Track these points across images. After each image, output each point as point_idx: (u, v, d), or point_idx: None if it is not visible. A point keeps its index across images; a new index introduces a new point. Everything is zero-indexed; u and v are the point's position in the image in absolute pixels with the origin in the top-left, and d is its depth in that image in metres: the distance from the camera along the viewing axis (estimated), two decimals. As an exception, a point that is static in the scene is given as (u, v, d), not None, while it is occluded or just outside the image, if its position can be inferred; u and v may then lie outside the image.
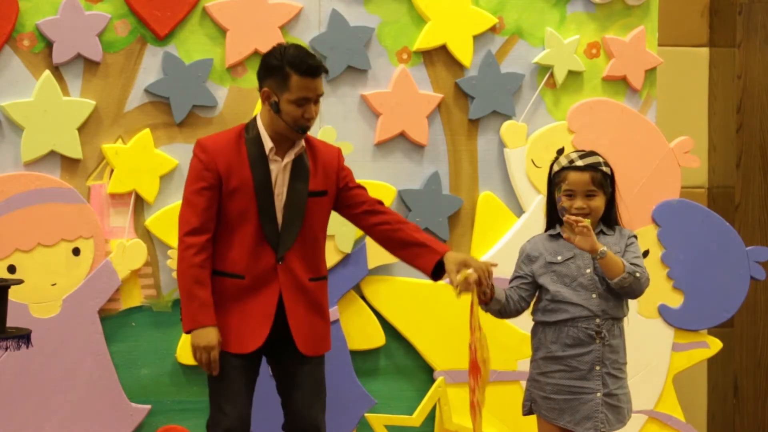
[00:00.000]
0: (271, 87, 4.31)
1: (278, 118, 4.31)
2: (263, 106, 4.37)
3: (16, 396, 4.86)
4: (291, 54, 4.30)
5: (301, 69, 4.28)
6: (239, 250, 4.33)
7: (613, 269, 4.28)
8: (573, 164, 4.39)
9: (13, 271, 4.85)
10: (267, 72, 4.33)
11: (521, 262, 4.49)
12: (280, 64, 4.29)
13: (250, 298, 4.34)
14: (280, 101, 4.30)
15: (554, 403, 4.40)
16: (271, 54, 4.35)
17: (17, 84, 4.88)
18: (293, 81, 4.28)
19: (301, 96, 4.30)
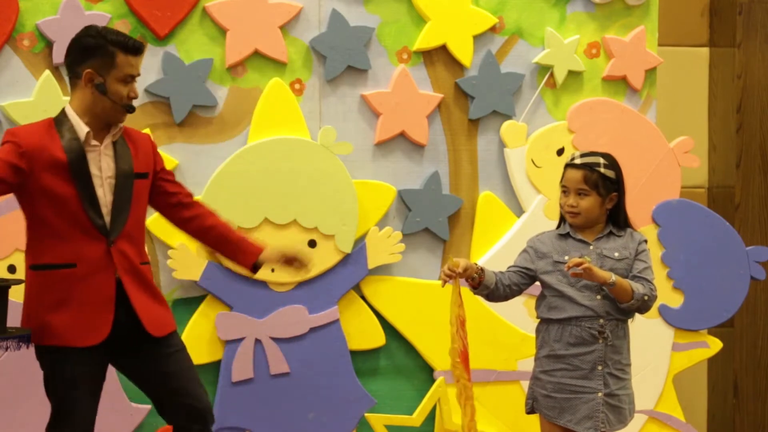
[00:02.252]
0: (95, 67, 4.16)
1: (103, 98, 4.17)
2: (80, 90, 4.18)
3: (16, 396, 4.86)
4: (113, 33, 4.20)
5: (127, 47, 4.18)
6: (65, 240, 4.14)
7: (623, 296, 4.33)
8: (572, 161, 4.42)
9: (13, 271, 4.85)
10: (87, 53, 4.17)
11: (528, 256, 4.47)
12: (103, 43, 4.17)
13: (85, 286, 4.15)
14: (106, 81, 4.16)
15: (555, 401, 4.40)
16: (86, 35, 4.20)
17: (17, 84, 4.88)
18: (120, 59, 4.17)
19: (128, 73, 4.20)
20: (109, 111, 4.20)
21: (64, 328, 4.13)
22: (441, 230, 5.33)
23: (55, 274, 4.15)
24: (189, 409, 4.26)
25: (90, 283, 4.15)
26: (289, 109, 5.14)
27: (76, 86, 4.21)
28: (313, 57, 5.20)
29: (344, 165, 5.16)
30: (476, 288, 4.41)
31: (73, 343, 4.13)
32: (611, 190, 4.41)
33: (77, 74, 4.19)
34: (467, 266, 4.34)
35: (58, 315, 4.14)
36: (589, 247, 4.41)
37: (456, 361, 4.35)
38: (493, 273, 4.43)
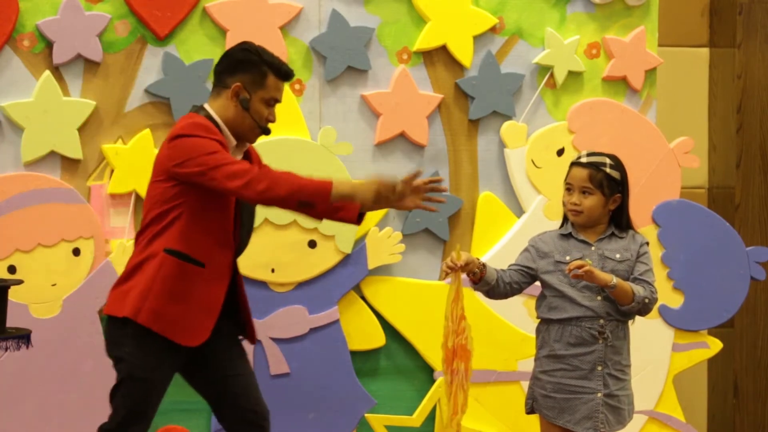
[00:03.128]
0: (245, 83, 4.27)
1: (245, 115, 4.27)
2: (224, 100, 4.27)
3: (16, 396, 4.86)
4: (268, 54, 4.30)
5: (280, 71, 4.31)
6: (207, 238, 4.21)
7: (623, 298, 4.33)
8: (578, 160, 4.42)
9: (14, 271, 4.85)
10: (240, 67, 4.28)
11: (529, 255, 4.47)
12: (258, 61, 4.27)
13: (204, 288, 4.21)
14: (251, 98, 4.27)
15: (554, 401, 4.41)
16: (244, 50, 4.31)
17: (17, 84, 4.88)
18: (270, 81, 4.28)
19: (273, 97, 4.31)
20: (246, 128, 4.29)
21: (176, 321, 4.17)
22: (441, 230, 5.33)
23: (184, 267, 4.18)
24: (249, 414, 4.34)
25: (209, 287, 4.21)
26: (289, 109, 5.14)
27: (219, 95, 4.30)
28: (313, 57, 5.20)
29: (344, 165, 5.16)
30: (477, 283, 4.41)
31: (177, 339, 4.18)
32: (615, 190, 4.41)
33: (225, 84, 4.28)
34: (469, 260, 4.34)
35: (174, 307, 4.16)
36: (591, 248, 4.41)
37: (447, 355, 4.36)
38: (494, 270, 4.43)
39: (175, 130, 4.22)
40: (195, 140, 4.15)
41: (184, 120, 4.28)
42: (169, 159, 4.19)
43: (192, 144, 4.15)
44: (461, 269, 4.33)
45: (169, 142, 4.21)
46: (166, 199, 4.20)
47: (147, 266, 4.18)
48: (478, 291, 4.47)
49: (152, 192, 4.25)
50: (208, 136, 4.17)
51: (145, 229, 4.25)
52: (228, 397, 4.34)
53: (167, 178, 4.19)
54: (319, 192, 4.10)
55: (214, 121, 4.26)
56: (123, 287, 4.22)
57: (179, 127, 4.22)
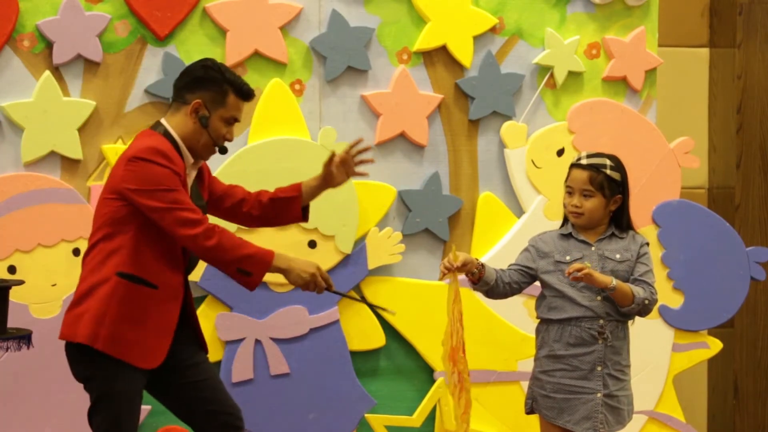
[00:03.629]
0: (205, 100, 4.22)
1: (203, 132, 4.23)
2: (182, 116, 4.22)
3: (16, 396, 4.86)
4: (230, 73, 4.26)
5: (241, 91, 4.26)
6: (159, 259, 4.17)
7: (623, 300, 4.34)
8: (578, 161, 4.42)
9: (14, 271, 4.85)
10: (201, 84, 4.23)
11: (529, 255, 4.48)
12: (220, 80, 4.23)
13: (158, 310, 4.17)
14: (211, 116, 4.22)
15: (554, 402, 4.41)
16: (206, 67, 4.27)
17: (17, 84, 4.88)
18: (230, 100, 4.24)
19: (233, 116, 4.27)
20: (202, 146, 4.25)
21: (133, 345, 4.13)
22: (441, 231, 5.33)
23: (138, 289, 4.14)
24: (222, 417, 4.30)
25: (162, 308, 4.17)
26: (290, 109, 5.15)
27: (178, 111, 4.25)
28: (313, 57, 5.20)
29: (344, 165, 5.16)
30: (476, 284, 4.42)
31: (136, 363, 4.14)
32: (616, 192, 4.40)
33: (185, 100, 4.24)
34: (467, 261, 4.35)
35: (130, 330, 4.12)
36: (591, 248, 4.42)
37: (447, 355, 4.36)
38: (493, 270, 4.43)
39: (135, 151, 4.11)
40: (154, 169, 4.08)
41: (144, 138, 4.19)
42: (123, 180, 4.10)
43: (151, 173, 4.08)
44: (458, 270, 4.33)
45: (127, 163, 4.11)
46: (117, 219, 4.14)
47: (100, 290, 4.12)
48: (477, 291, 4.47)
49: (103, 209, 4.17)
50: (168, 165, 4.10)
51: (94, 246, 4.17)
52: (200, 402, 4.29)
53: (119, 197, 4.12)
54: (259, 265, 4.13)
55: (172, 138, 4.21)
56: (76, 311, 4.15)
57: (139, 149, 4.11)
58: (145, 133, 4.25)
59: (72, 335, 4.15)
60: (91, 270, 4.16)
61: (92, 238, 4.19)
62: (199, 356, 4.35)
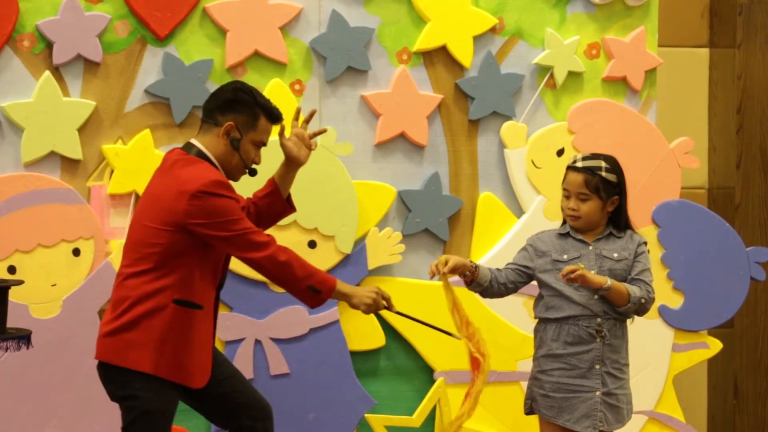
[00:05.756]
0: (238, 122, 4.28)
1: (234, 154, 4.29)
2: (214, 137, 4.28)
3: (16, 396, 4.86)
4: (262, 97, 4.34)
5: (272, 115, 4.35)
6: (205, 281, 4.25)
7: (619, 300, 4.35)
8: (574, 164, 4.42)
9: (13, 271, 4.85)
10: (234, 106, 4.29)
11: (527, 254, 4.49)
12: (253, 103, 4.30)
13: (199, 329, 4.24)
14: (242, 138, 4.29)
15: (553, 401, 4.41)
16: (239, 90, 4.33)
17: (17, 84, 4.88)
18: (261, 123, 4.32)
19: (263, 139, 4.35)
20: (234, 167, 4.32)
21: (188, 367, 4.21)
22: (441, 231, 5.33)
23: (188, 313, 4.21)
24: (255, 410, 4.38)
25: (205, 326, 4.26)
26: (290, 109, 5.14)
27: (209, 132, 4.31)
28: (313, 58, 5.20)
29: (344, 166, 5.17)
30: (469, 284, 4.43)
31: (192, 384, 4.24)
32: (612, 193, 4.40)
33: (216, 122, 4.29)
34: (456, 266, 4.36)
35: (185, 354, 4.21)
36: (589, 247, 4.42)
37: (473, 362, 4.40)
38: (488, 270, 4.43)
39: (197, 186, 4.14)
40: (221, 202, 4.17)
41: (192, 168, 4.21)
42: (188, 215, 4.15)
43: (219, 206, 4.16)
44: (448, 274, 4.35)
45: (191, 199, 4.14)
46: (175, 250, 4.18)
47: (156, 318, 4.17)
48: (471, 291, 4.48)
49: (154, 239, 4.19)
50: (230, 196, 4.21)
51: (143, 273, 4.20)
52: (232, 397, 4.36)
53: (179, 230, 4.17)
54: (327, 284, 4.27)
55: (207, 157, 4.27)
56: (127, 336, 4.19)
57: (202, 183, 4.15)
58: (185, 158, 4.27)
59: (123, 360, 4.20)
60: (143, 297, 4.18)
61: (137, 264, 4.22)
62: (221, 354, 4.45)
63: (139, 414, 4.20)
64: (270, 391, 5.12)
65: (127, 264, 4.27)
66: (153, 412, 4.20)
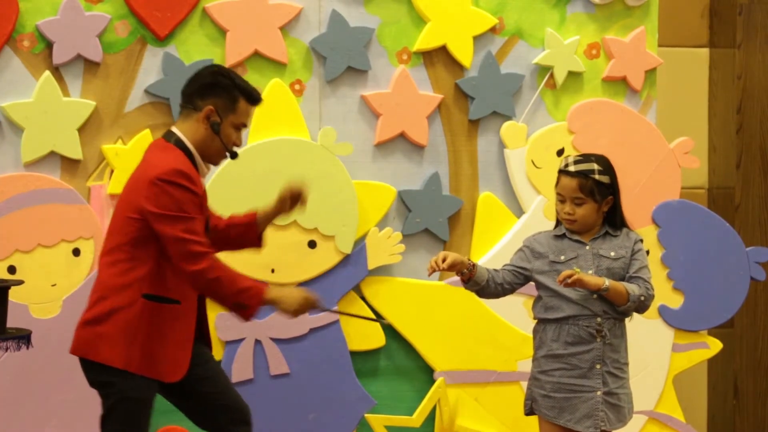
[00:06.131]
0: (217, 106, 4.21)
1: (214, 138, 4.23)
2: (194, 123, 4.22)
3: (16, 396, 4.86)
4: (240, 79, 4.27)
5: (251, 97, 4.27)
6: (178, 276, 4.16)
7: (618, 299, 4.35)
8: (566, 168, 4.41)
9: (13, 271, 4.86)
10: (213, 90, 4.22)
11: (524, 255, 4.49)
12: (231, 86, 4.23)
13: (178, 324, 4.19)
14: (222, 122, 4.22)
15: (554, 401, 4.41)
16: (216, 73, 4.27)
17: (17, 84, 4.88)
18: (241, 106, 4.24)
19: (243, 122, 4.28)
20: (213, 151, 4.26)
21: (161, 361, 4.17)
22: (441, 231, 5.33)
23: (163, 308, 4.16)
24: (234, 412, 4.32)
25: (184, 321, 4.20)
26: (289, 109, 5.15)
27: (189, 117, 4.24)
28: (313, 58, 5.20)
29: (344, 166, 5.17)
30: (466, 283, 4.43)
31: (165, 378, 4.18)
32: (607, 194, 4.41)
33: (196, 107, 4.23)
34: (455, 262, 4.35)
35: (159, 348, 4.16)
36: (586, 247, 4.42)
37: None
38: (485, 270, 4.43)
39: (158, 172, 4.07)
40: (177, 192, 4.07)
41: (162, 154, 4.16)
42: (147, 201, 4.08)
43: (175, 197, 4.07)
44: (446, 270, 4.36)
45: (150, 185, 4.08)
46: (140, 238, 4.12)
47: (126, 312, 4.11)
48: (468, 290, 4.48)
49: (125, 227, 4.14)
50: (190, 188, 4.10)
51: (115, 264, 4.15)
52: (212, 398, 4.31)
53: (143, 218, 4.11)
54: (255, 297, 4.13)
55: (185, 146, 4.21)
56: (97, 329, 4.13)
57: (164, 170, 4.07)
58: (161, 145, 4.23)
59: (95, 354, 4.14)
60: (114, 289, 4.14)
61: (112, 253, 4.17)
62: (206, 354, 4.36)
63: (117, 401, 4.16)
64: (270, 391, 5.13)
65: (103, 252, 4.23)
66: (131, 399, 4.15)
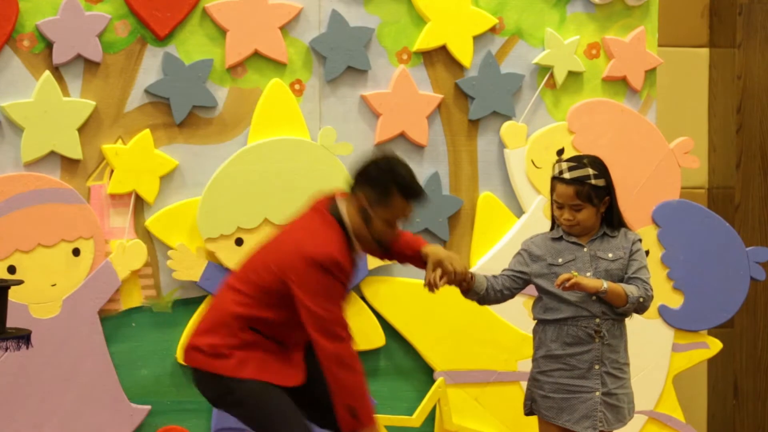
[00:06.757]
0: (369, 197, 4.21)
1: (364, 227, 4.25)
2: (352, 205, 4.25)
3: (16, 396, 4.86)
4: (400, 174, 4.23)
5: (408, 194, 4.24)
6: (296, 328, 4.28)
7: (617, 301, 4.35)
8: (561, 176, 4.40)
9: (13, 271, 4.85)
10: (368, 181, 4.23)
11: (522, 259, 4.49)
12: (387, 180, 4.21)
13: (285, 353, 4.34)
14: (373, 214, 4.23)
15: (553, 402, 4.41)
16: (377, 165, 4.26)
17: (17, 84, 4.88)
18: (395, 201, 4.22)
19: (396, 217, 4.26)
20: (364, 239, 4.28)
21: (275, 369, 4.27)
22: (441, 231, 5.33)
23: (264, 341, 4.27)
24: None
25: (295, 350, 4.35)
26: (289, 109, 5.15)
27: (349, 200, 4.27)
28: (313, 58, 5.20)
29: (344, 166, 5.16)
30: (466, 293, 4.44)
31: (282, 383, 4.27)
32: (603, 196, 4.41)
33: (354, 192, 4.25)
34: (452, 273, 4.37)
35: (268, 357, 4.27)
36: (583, 249, 4.42)
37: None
38: (484, 279, 4.44)
39: (315, 252, 4.16)
40: (328, 280, 4.16)
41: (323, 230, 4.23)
42: (295, 273, 4.16)
43: (323, 283, 4.16)
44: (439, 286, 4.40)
45: (304, 260, 4.16)
46: (273, 289, 4.22)
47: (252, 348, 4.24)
48: (468, 299, 4.49)
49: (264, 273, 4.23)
50: (339, 277, 4.18)
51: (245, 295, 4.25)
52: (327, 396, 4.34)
53: (284, 278, 4.19)
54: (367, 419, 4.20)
55: (344, 223, 4.25)
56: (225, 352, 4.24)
57: (321, 253, 4.16)
58: (326, 217, 4.27)
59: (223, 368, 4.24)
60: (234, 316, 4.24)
61: (242, 283, 4.28)
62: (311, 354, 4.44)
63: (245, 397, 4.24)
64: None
65: (234, 278, 4.33)
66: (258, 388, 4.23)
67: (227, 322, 4.25)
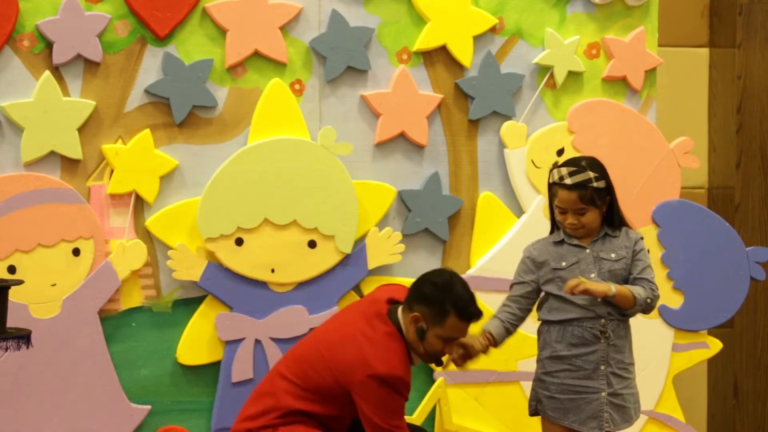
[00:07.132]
0: (424, 315, 4.25)
1: (419, 343, 4.28)
2: (408, 320, 4.29)
3: (16, 396, 4.86)
4: (457, 294, 4.26)
5: (464, 315, 4.27)
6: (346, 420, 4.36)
7: (625, 303, 4.36)
8: (562, 182, 4.39)
9: (13, 271, 4.85)
10: (425, 300, 4.27)
11: (526, 266, 4.48)
12: (443, 299, 4.25)
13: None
14: (428, 332, 4.26)
15: (559, 402, 4.41)
16: (435, 284, 4.30)
17: (17, 84, 4.88)
18: (450, 321, 4.26)
19: (451, 336, 4.29)
20: (419, 353, 4.32)
21: None
22: (441, 231, 5.33)
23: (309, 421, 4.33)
24: None
25: None
26: (289, 109, 5.15)
27: (406, 314, 4.30)
28: (313, 57, 5.20)
29: (344, 166, 5.16)
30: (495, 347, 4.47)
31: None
32: (605, 197, 4.42)
33: (411, 308, 4.29)
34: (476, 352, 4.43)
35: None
36: (586, 251, 4.42)
37: None
38: (500, 325, 4.47)
39: (381, 370, 4.20)
40: (393, 398, 4.21)
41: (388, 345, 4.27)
42: (357, 385, 4.21)
43: (388, 400, 4.21)
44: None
45: (370, 378, 4.20)
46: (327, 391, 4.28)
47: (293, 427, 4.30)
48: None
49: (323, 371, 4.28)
50: (404, 395, 4.24)
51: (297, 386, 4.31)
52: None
53: (342, 385, 4.25)
54: None
55: (403, 335, 4.29)
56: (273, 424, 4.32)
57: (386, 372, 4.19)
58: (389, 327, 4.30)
59: None
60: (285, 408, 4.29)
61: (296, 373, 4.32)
62: None
63: None
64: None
65: (286, 365, 4.37)
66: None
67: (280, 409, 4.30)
